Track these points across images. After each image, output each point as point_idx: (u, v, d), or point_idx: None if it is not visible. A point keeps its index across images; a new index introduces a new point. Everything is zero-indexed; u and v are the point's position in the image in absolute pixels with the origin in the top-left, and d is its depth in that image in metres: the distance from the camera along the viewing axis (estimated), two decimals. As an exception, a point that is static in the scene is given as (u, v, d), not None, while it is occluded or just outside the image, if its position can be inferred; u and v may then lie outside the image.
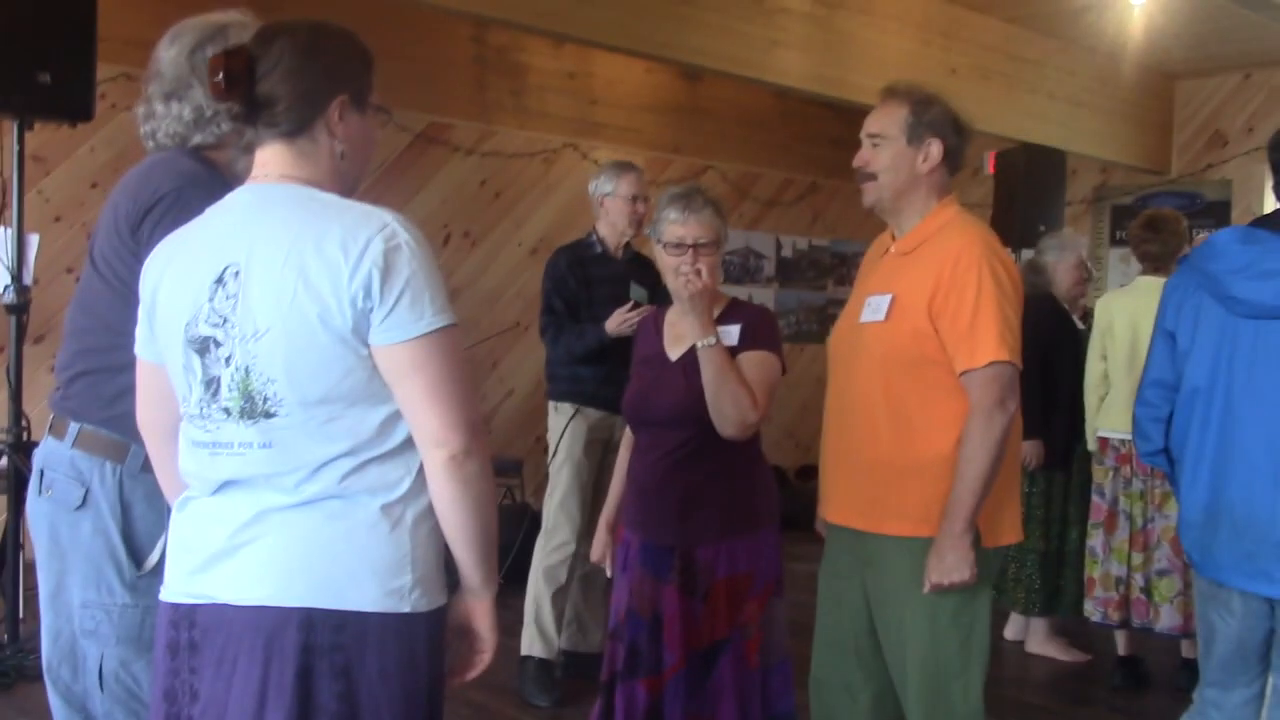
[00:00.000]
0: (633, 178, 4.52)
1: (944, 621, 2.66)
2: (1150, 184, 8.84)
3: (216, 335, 1.74)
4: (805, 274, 9.57)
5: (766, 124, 8.93)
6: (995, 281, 2.61)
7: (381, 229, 1.72)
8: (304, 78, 1.81)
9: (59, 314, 5.71)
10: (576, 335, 4.37)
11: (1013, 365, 2.60)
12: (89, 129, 5.38)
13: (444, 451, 1.74)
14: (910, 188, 2.78)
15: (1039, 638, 5.23)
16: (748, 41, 6.02)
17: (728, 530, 2.94)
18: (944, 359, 2.63)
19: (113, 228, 2.20)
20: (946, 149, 2.75)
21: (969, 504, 2.57)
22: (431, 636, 1.80)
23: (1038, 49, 7.57)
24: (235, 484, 1.77)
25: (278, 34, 1.83)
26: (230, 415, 1.74)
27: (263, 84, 1.80)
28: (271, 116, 1.82)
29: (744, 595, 2.92)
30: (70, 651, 2.23)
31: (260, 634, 1.70)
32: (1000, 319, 2.59)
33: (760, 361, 2.95)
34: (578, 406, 4.43)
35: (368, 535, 1.73)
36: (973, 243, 2.66)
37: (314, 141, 1.84)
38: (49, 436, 2.27)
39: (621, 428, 4.20)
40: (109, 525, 2.18)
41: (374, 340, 1.72)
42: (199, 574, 1.77)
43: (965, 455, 2.58)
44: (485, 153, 7.50)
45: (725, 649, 2.91)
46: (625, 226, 4.53)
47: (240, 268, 1.74)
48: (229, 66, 1.79)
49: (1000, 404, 2.57)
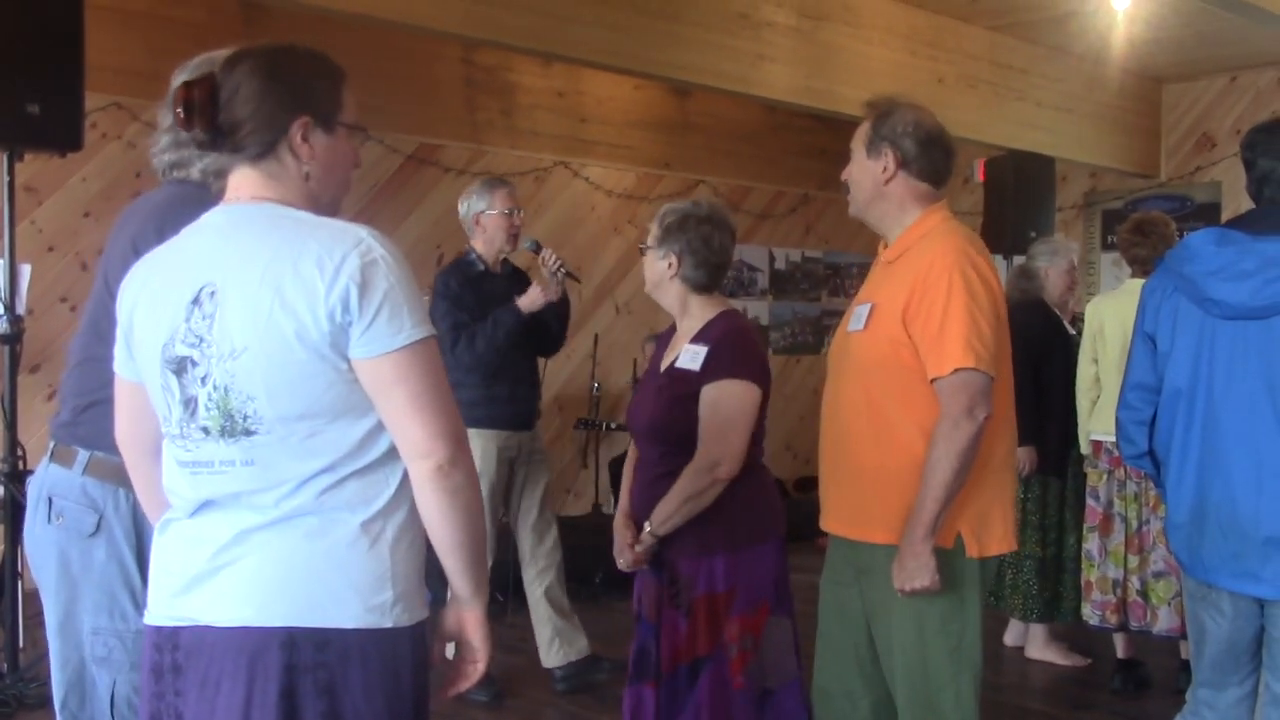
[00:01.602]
0: (505, 193, 4.68)
1: (932, 629, 2.66)
2: (1140, 188, 8.87)
3: (193, 355, 1.75)
4: (799, 286, 9.59)
5: (757, 138, 8.97)
6: (966, 288, 2.60)
7: (357, 244, 1.74)
8: (264, 100, 1.81)
9: (53, 344, 5.74)
10: (492, 325, 4.48)
11: (980, 372, 2.57)
12: (80, 159, 5.39)
13: (430, 462, 1.75)
14: (877, 198, 2.80)
15: (1038, 643, 5.23)
16: (735, 56, 6.05)
17: (704, 548, 2.93)
18: (921, 366, 2.63)
19: (130, 250, 2.20)
20: (903, 158, 2.75)
21: (930, 510, 2.57)
22: (415, 651, 1.81)
23: (1023, 57, 7.61)
24: (214, 504, 1.78)
25: (240, 59, 1.84)
26: (209, 434, 1.75)
27: (225, 110, 1.81)
28: (235, 142, 1.83)
29: (723, 614, 2.91)
30: (79, 679, 2.24)
31: (243, 655, 1.70)
32: (969, 326, 2.58)
33: (715, 402, 2.92)
34: (480, 430, 4.51)
35: (347, 552, 1.74)
36: (947, 250, 2.66)
37: (280, 163, 1.84)
38: (52, 464, 2.28)
39: (526, 443, 4.66)
40: (123, 551, 2.20)
41: (354, 354, 1.73)
42: (181, 596, 1.77)
43: (929, 462, 2.58)
44: (477, 173, 7.50)
45: (706, 666, 2.91)
46: (503, 242, 4.67)
47: (216, 288, 1.75)
48: (188, 97, 1.81)
49: (967, 412, 2.56)
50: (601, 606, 6.08)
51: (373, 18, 4.84)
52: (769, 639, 2.96)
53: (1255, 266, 2.66)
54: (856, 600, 2.81)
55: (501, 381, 4.57)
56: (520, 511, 4.72)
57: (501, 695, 4.61)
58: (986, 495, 2.68)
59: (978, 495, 2.66)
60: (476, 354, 4.47)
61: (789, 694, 2.97)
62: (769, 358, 5.24)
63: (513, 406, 4.60)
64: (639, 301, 7.65)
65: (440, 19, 4.98)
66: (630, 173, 8.39)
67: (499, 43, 5.45)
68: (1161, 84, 8.76)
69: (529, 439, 4.70)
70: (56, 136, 4.37)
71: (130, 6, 5.63)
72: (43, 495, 2.28)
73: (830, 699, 2.90)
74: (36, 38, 4.25)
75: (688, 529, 2.93)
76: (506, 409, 4.58)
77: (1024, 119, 7.61)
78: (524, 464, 4.69)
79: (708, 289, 3.09)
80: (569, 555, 6.07)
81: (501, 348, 4.48)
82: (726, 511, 2.94)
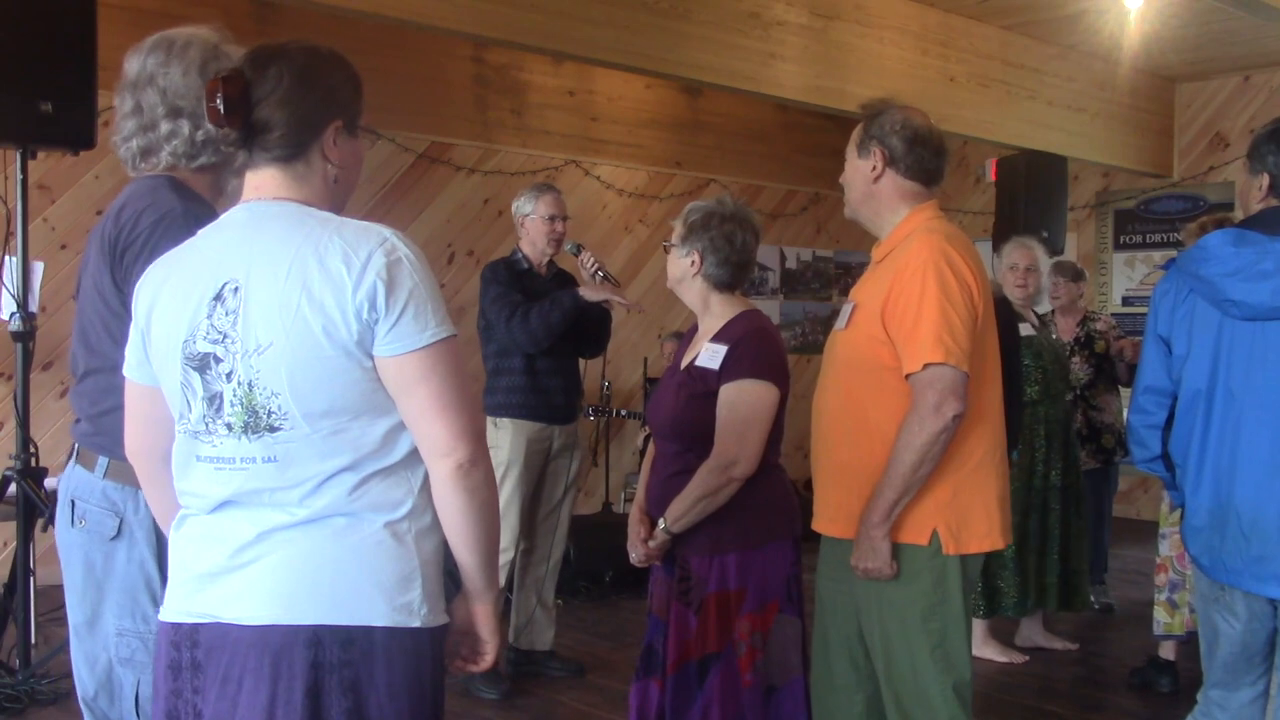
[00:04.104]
0: (551, 199, 4.77)
1: (914, 627, 2.68)
2: (1153, 187, 8.85)
3: (216, 351, 1.75)
4: (810, 285, 9.59)
5: (768, 137, 8.97)
6: (940, 285, 2.61)
7: (382, 243, 1.75)
8: (301, 104, 1.82)
9: (66, 341, 5.75)
10: (550, 303, 4.55)
11: (951, 368, 2.57)
12: (92, 157, 5.42)
13: (451, 460, 1.76)
14: (868, 197, 2.84)
15: (977, 640, 5.17)
16: (746, 55, 6.05)
17: (717, 546, 2.94)
18: (899, 364, 2.65)
19: (102, 260, 2.20)
20: (891, 156, 2.78)
21: (886, 499, 2.61)
22: (435, 654, 1.81)
23: (1036, 56, 7.59)
24: (235, 503, 1.78)
25: (273, 58, 1.84)
26: (233, 430, 1.75)
27: (259, 109, 1.81)
28: (266, 141, 1.83)
29: (734, 612, 2.93)
30: (107, 679, 2.26)
31: (267, 653, 1.70)
32: (940, 322, 2.58)
33: (733, 401, 2.94)
34: (516, 420, 4.65)
35: (374, 550, 1.74)
36: (924, 247, 2.66)
37: (309, 165, 1.85)
38: (77, 466, 2.28)
39: (559, 437, 4.71)
40: (145, 554, 2.20)
41: (379, 352, 1.74)
42: (199, 593, 1.78)
43: (892, 453, 2.61)
44: (487, 171, 7.54)
45: (716, 663, 2.92)
46: (545, 246, 4.77)
47: (240, 284, 1.75)
48: (227, 92, 1.80)
49: (934, 408, 2.56)
50: (610, 605, 6.09)
51: (384, 16, 4.86)
52: (777, 636, 2.97)
53: (1275, 267, 2.64)
54: (846, 596, 2.83)
55: (542, 373, 4.66)
56: (540, 499, 4.79)
57: (511, 693, 4.63)
58: (966, 493, 2.68)
59: (956, 493, 2.67)
60: (530, 329, 4.53)
61: (792, 691, 2.99)
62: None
63: (550, 399, 4.68)
64: (650, 300, 7.65)
65: (451, 17, 5.00)
66: (641, 172, 8.40)
67: (510, 42, 5.46)
68: (1174, 83, 8.74)
69: (564, 433, 4.77)
70: (69, 135, 4.39)
71: (143, 5, 5.66)
72: (67, 498, 2.28)
73: (826, 692, 2.93)
74: (49, 36, 4.27)
75: (702, 526, 2.94)
76: (544, 401, 4.66)
77: (1036, 118, 7.59)
78: (556, 456, 4.77)
79: (730, 288, 3.10)
80: (579, 553, 6.11)
81: (555, 327, 4.54)
82: (741, 510, 2.95)
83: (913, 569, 2.67)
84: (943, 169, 2.84)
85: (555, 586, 4.91)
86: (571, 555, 6.01)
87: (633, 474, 7.86)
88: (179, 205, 2.19)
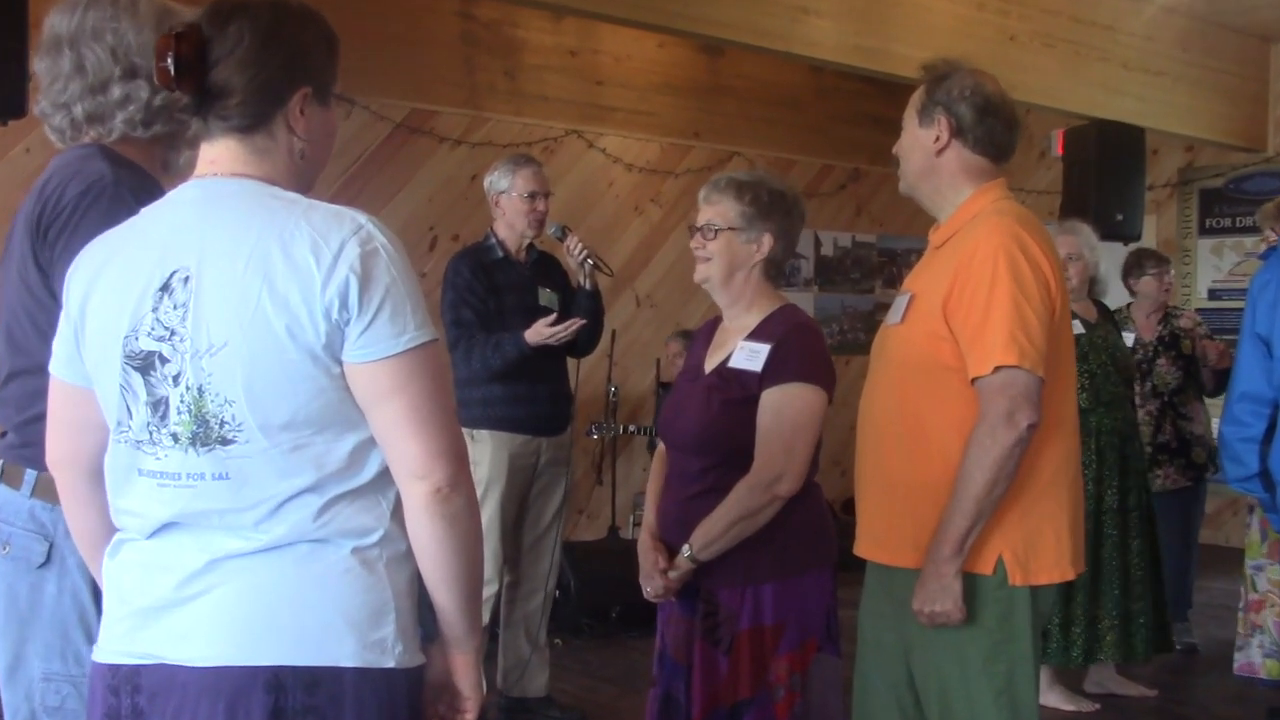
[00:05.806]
0: (530, 172, 4.68)
1: (975, 668, 2.66)
2: (1244, 163, 8.82)
3: (162, 350, 1.74)
4: (849, 275, 9.57)
5: (799, 104, 8.95)
6: (1013, 274, 2.60)
7: (356, 231, 1.74)
8: (264, 67, 1.81)
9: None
10: (492, 347, 4.50)
11: (1026, 372, 2.56)
12: (23, 127, 5.42)
13: (427, 484, 1.75)
14: (929, 173, 2.83)
15: (1041, 685, 5.10)
16: (774, 10, 6.04)
17: (751, 575, 2.93)
18: (963, 365, 2.64)
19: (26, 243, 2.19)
20: (958, 125, 2.77)
21: (958, 526, 2.58)
22: (412, 698, 1.81)
23: (1109, 11, 7.56)
24: (179, 525, 1.77)
25: (234, 13, 1.82)
26: (179, 442, 1.74)
27: (216, 71, 1.80)
28: (224, 109, 1.82)
29: (770, 651, 2.91)
30: None
31: (220, 698, 1.69)
32: (1014, 318, 2.57)
33: (779, 408, 2.92)
34: (495, 433, 4.58)
35: (341, 580, 1.74)
36: (994, 232, 2.66)
37: (271, 137, 1.85)
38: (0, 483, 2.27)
39: (546, 450, 4.61)
40: (78, 583, 2.17)
41: (349, 357, 1.73)
42: (141, 630, 1.76)
43: (960, 472, 2.59)
44: (476, 143, 7.53)
45: (749, 710, 2.91)
46: (524, 228, 4.69)
47: (191, 273, 1.74)
48: (180, 51, 1.78)
49: (1007, 417, 2.55)
50: (617, 644, 6.09)
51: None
52: (815, 679, 2.96)
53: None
54: (894, 635, 2.81)
55: (520, 379, 4.56)
56: (526, 523, 4.75)
57: None
58: (1035, 515, 2.67)
59: (1024, 514, 2.65)
60: (472, 368, 4.52)
61: None
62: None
63: (532, 408, 4.61)
64: (662, 293, 7.65)
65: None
66: (653, 143, 8.39)
67: (503, -6, 5.46)
68: (1269, 43, 8.71)
69: (552, 446, 4.72)
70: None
71: (81, -48, 5.68)
72: None
73: None
74: (-27, -9, 4.28)
75: (732, 554, 2.93)
76: (525, 410, 4.59)
77: (1109, 83, 7.56)
78: (543, 473, 4.72)
79: (774, 280, 3.09)
80: (581, 586, 6.09)
81: (497, 371, 4.51)
82: (778, 534, 2.94)
83: (975, 603, 2.64)
84: (1014, 143, 2.85)
85: (548, 623, 4.87)
86: (573, 588, 6.00)
87: (641, 494, 7.85)
88: (109, 173, 2.17)
